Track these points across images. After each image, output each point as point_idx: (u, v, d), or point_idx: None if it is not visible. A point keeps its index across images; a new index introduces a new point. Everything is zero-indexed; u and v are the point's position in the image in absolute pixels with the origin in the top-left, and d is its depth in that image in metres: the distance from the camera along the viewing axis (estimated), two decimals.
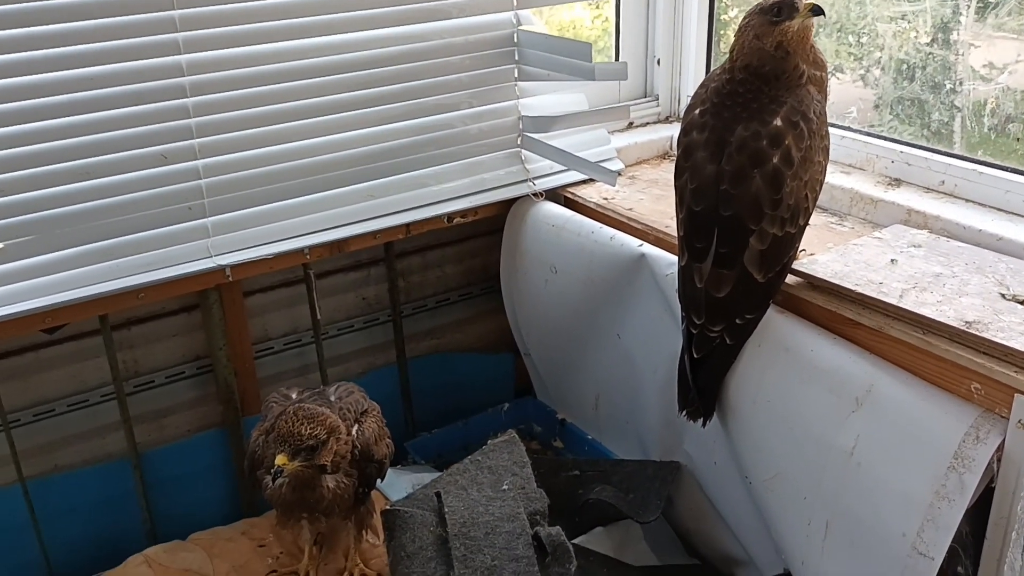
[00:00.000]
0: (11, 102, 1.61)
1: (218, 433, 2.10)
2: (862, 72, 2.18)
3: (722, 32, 2.35)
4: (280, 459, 1.46)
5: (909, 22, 2.03)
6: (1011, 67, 1.87)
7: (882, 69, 2.09)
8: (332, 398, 1.69)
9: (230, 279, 1.86)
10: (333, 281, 2.21)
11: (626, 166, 2.24)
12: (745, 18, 1.56)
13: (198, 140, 1.77)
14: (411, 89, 1.98)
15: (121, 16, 1.66)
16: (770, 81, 1.51)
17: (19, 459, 1.89)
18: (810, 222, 1.61)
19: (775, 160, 1.49)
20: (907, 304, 1.49)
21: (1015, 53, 1.87)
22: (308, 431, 1.48)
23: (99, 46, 1.66)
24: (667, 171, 2.24)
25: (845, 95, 2.18)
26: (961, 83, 1.93)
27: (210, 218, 1.82)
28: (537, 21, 2.10)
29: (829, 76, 1.60)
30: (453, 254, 2.38)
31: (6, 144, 1.63)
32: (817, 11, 1.49)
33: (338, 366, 2.26)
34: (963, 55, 1.93)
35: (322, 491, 1.56)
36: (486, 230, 2.34)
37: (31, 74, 1.62)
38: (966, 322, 1.42)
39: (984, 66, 1.91)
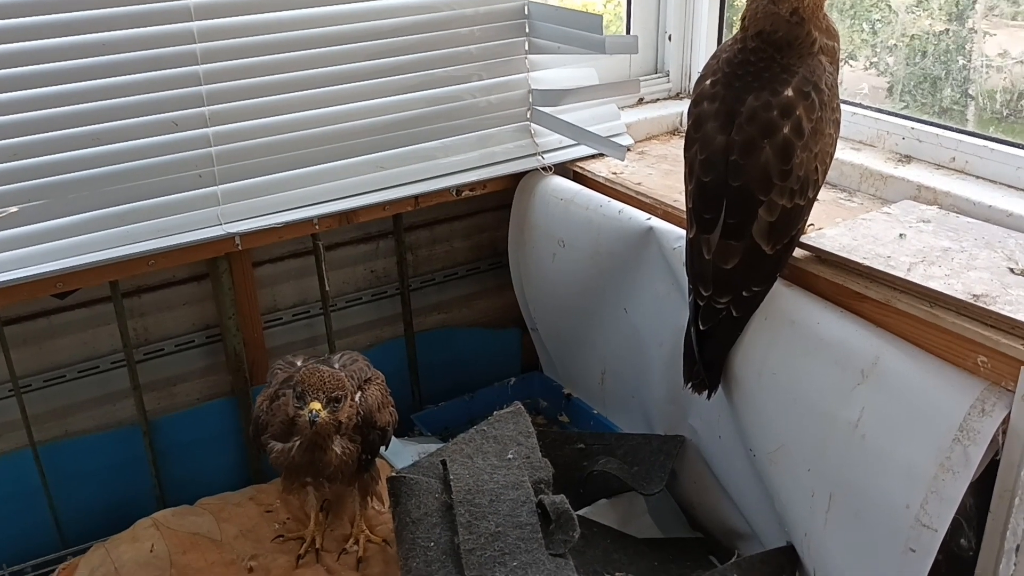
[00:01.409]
0: (24, 66, 1.62)
1: (227, 402, 2.12)
2: (875, 59, 2.17)
3: (733, 9, 2.33)
4: (315, 405, 1.49)
5: (924, 8, 2.02)
6: None
7: (895, 46, 2.08)
8: (336, 366, 1.70)
9: (239, 247, 1.87)
10: (342, 253, 2.22)
11: (636, 142, 2.24)
12: None
13: (208, 108, 1.78)
14: (421, 60, 1.98)
15: None
16: (783, 49, 1.50)
17: (30, 424, 1.91)
18: (819, 198, 1.61)
19: (785, 131, 1.49)
20: (915, 277, 1.48)
21: None
22: (335, 382, 1.51)
23: (111, 11, 1.67)
24: (676, 147, 2.24)
25: (858, 82, 2.17)
26: (971, 63, 1.92)
27: (220, 186, 1.82)
28: None
29: (842, 58, 1.59)
30: (461, 229, 2.39)
31: (19, 108, 1.64)
32: None
33: (346, 338, 2.27)
34: (977, 40, 1.92)
35: (331, 454, 1.57)
36: (494, 205, 2.35)
37: (44, 38, 1.62)
38: (973, 295, 1.42)
39: (999, 55, 1.90)
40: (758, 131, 1.50)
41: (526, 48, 2.09)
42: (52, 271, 1.69)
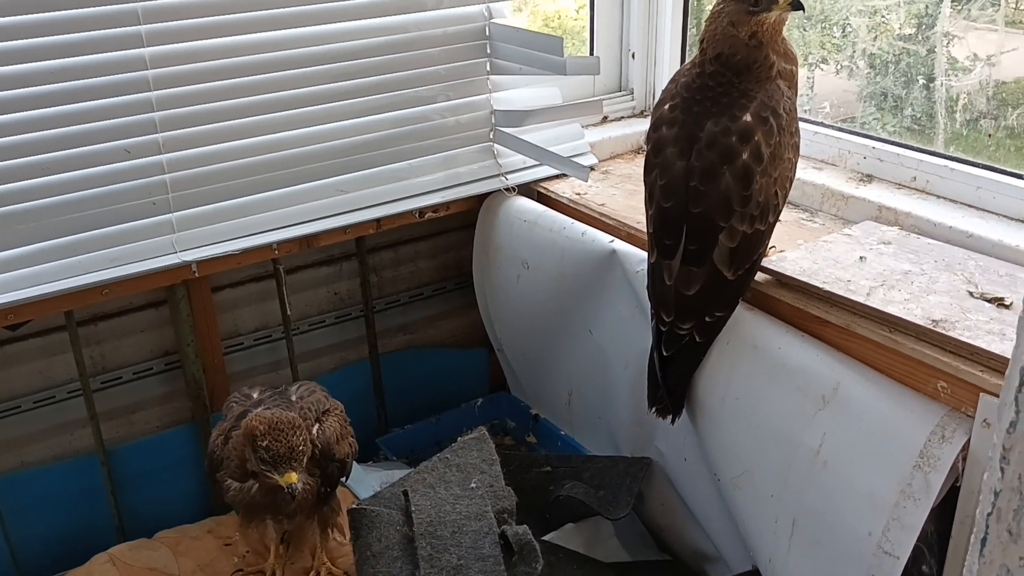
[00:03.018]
0: None
1: (187, 429, 2.08)
2: (846, 64, 2.17)
3: (697, 26, 2.33)
4: (291, 477, 1.45)
5: (883, 17, 2.02)
6: (994, 58, 1.87)
7: (864, 61, 2.08)
8: (293, 398, 1.68)
9: (196, 275, 1.83)
10: (304, 276, 2.19)
11: (600, 160, 2.23)
12: (718, 4, 1.54)
13: (162, 134, 1.74)
14: (382, 83, 1.96)
15: (83, 8, 1.63)
16: (741, 73, 1.50)
17: None
18: (781, 218, 1.60)
19: (744, 156, 1.48)
20: (874, 302, 1.48)
21: (996, 46, 1.86)
22: (301, 441, 1.47)
23: (60, 38, 1.63)
24: (641, 166, 2.20)
25: (830, 87, 2.17)
26: (934, 79, 1.93)
27: (175, 213, 1.79)
28: (510, 14, 2.07)
29: (807, 68, 1.59)
30: (426, 249, 2.36)
31: None
32: (797, 6, 1.48)
33: (309, 361, 2.24)
34: (942, 48, 1.92)
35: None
36: (459, 225, 2.33)
37: None
38: (933, 320, 1.42)
39: (967, 57, 1.90)
40: (717, 157, 1.50)
41: (488, 69, 2.08)
42: (4, 303, 1.65)
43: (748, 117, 1.50)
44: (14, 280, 1.67)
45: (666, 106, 1.59)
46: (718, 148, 1.50)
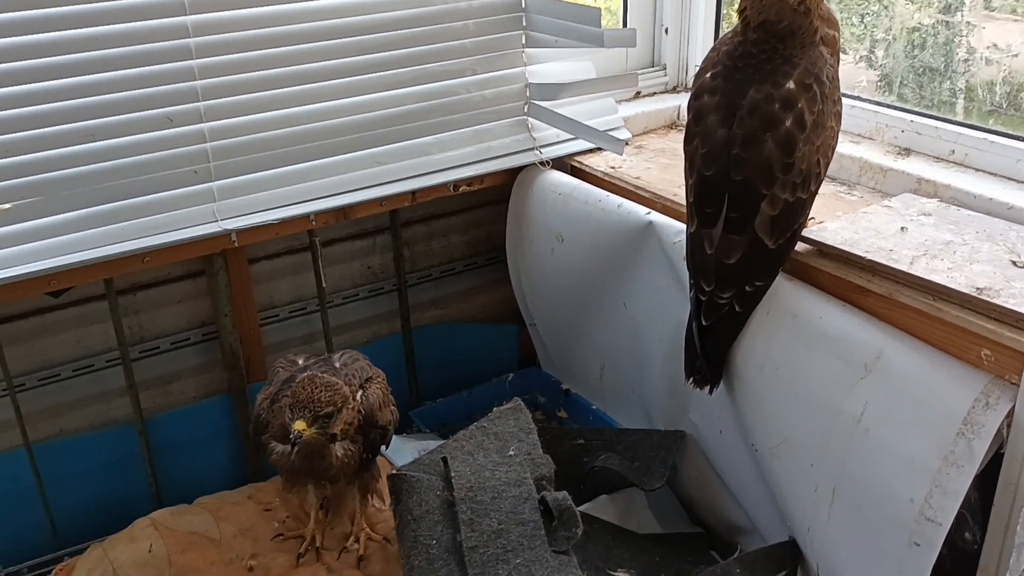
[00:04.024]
0: (16, 61, 1.60)
1: (223, 399, 2.10)
2: (865, 53, 2.16)
3: (730, 3, 2.32)
4: (299, 425, 1.46)
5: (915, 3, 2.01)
6: (1016, 48, 1.86)
7: (892, 39, 2.07)
8: (337, 365, 1.69)
9: (235, 244, 1.85)
10: (338, 249, 2.20)
11: (633, 136, 2.23)
12: None
13: (204, 103, 1.76)
14: (418, 55, 1.97)
15: None
16: (785, 39, 1.49)
17: (25, 423, 1.89)
18: (819, 191, 1.60)
19: (788, 124, 1.48)
20: (918, 271, 1.48)
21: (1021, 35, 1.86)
22: (326, 398, 1.48)
23: (105, 5, 1.64)
24: (674, 141, 2.23)
25: (848, 77, 2.16)
26: (972, 54, 1.92)
27: (216, 182, 1.80)
28: None
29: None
30: (458, 224, 2.37)
31: (12, 104, 1.61)
32: None
33: (343, 335, 2.26)
34: (969, 34, 1.92)
35: (330, 459, 1.56)
36: (491, 200, 2.33)
37: (37, 33, 1.60)
38: (977, 288, 1.41)
39: (988, 47, 1.90)
40: (760, 124, 1.49)
41: (523, 42, 2.07)
42: (46, 269, 1.67)
43: (791, 84, 1.49)
44: (57, 246, 1.69)
45: (707, 74, 1.59)
46: (761, 115, 1.49)
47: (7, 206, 1.63)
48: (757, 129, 1.49)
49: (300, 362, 1.67)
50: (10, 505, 1.92)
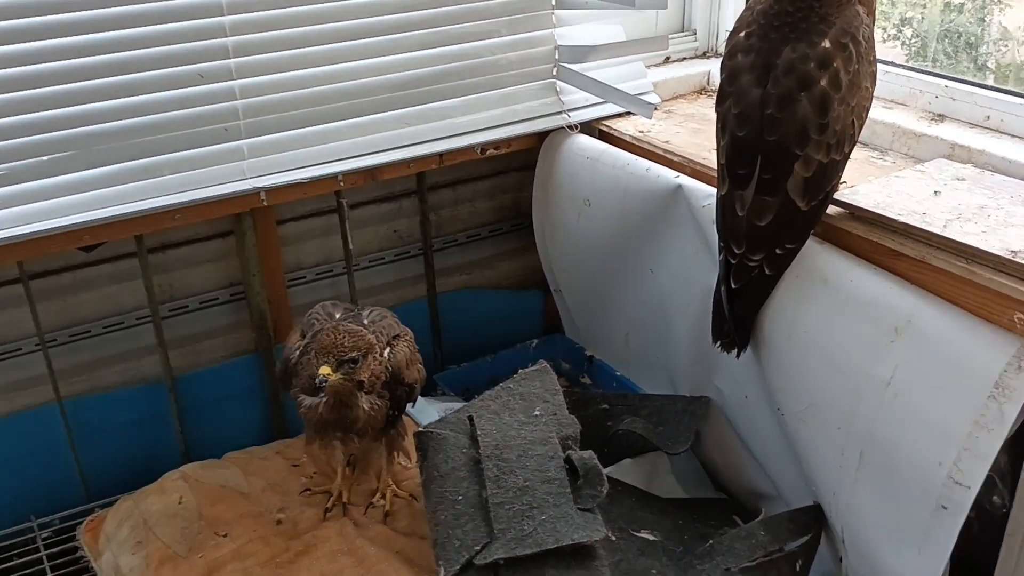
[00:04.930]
0: (51, 14, 1.61)
1: (251, 359, 2.12)
2: (893, 31, 2.14)
3: None
4: (324, 369, 1.47)
5: None
6: None
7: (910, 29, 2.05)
8: (365, 321, 1.70)
9: (264, 203, 1.85)
10: (365, 212, 2.21)
11: (662, 100, 2.21)
12: None
13: (235, 60, 1.76)
14: (448, 14, 1.95)
15: None
16: None
17: (56, 379, 1.92)
18: (851, 155, 1.58)
19: (823, 83, 1.46)
20: (951, 233, 1.46)
21: None
22: (350, 343, 1.49)
23: None
24: (704, 106, 2.21)
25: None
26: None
27: (246, 140, 1.81)
28: None
29: None
30: (484, 189, 2.37)
31: (45, 58, 1.62)
32: None
33: (369, 298, 2.27)
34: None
35: (358, 411, 1.57)
36: (517, 165, 2.33)
37: None
38: (1011, 251, 1.40)
39: (1018, 28, 1.87)
40: (795, 84, 1.48)
41: (553, 3, 2.06)
42: (80, 223, 1.68)
43: (827, 43, 1.47)
44: (90, 200, 1.70)
45: (741, 34, 1.57)
46: (795, 75, 1.48)
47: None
48: (792, 89, 1.48)
49: (337, 315, 1.68)
50: (42, 458, 1.96)
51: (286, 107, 1.83)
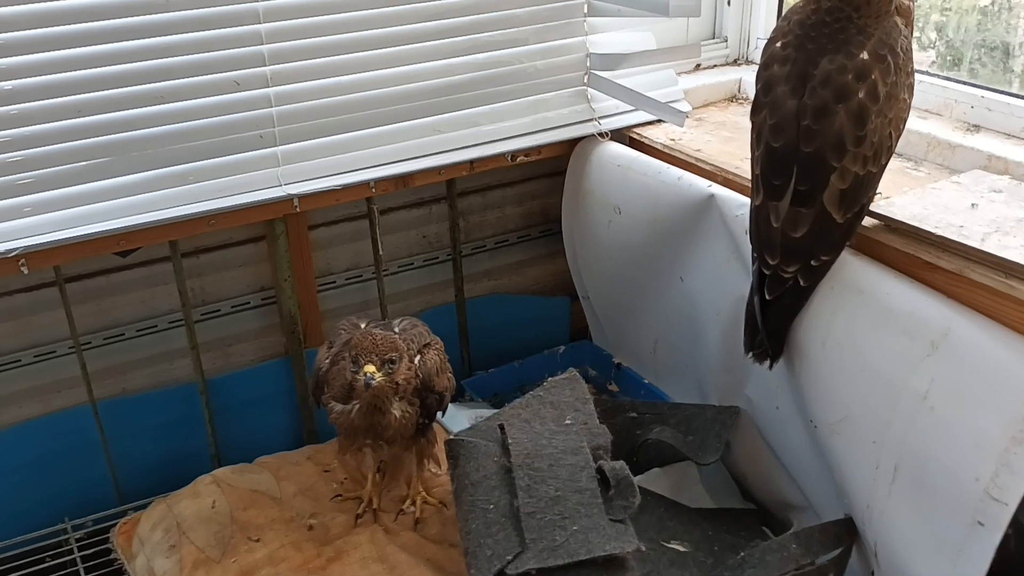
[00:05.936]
0: (88, 22, 1.62)
1: (282, 363, 2.14)
2: (917, 35, 2.12)
3: None
4: (369, 368, 1.48)
5: None
6: None
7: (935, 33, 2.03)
8: (396, 330, 1.71)
9: (297, 209, 1.87)
10: (395, 218, 2.22)
11: (693, 108, 2.21)
12: None
13: (270, 67, 1.77)
14: (480, 22, 1.96)
15: None
16: (860, 8, 1.46)
17: (90, 380, 1.94)
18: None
19: (860, 95, 1.45)
20: (989, 247, 1.45)
21: None
22: (388, 343, 1.51)
23: None
24: (735, 114, 2.20)
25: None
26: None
27: (280, 147, 1.82)
28: None
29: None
30: (513, 195, 2.37)
31: (83, 65, 1.64)
32: None
33: (398, 303, 2.28)
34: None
35: (389, 417, 1.58)
36: (546, 172, 2.33)
37: None
38: None
39: None
40: (832, 95, 1.47)
41: (585, 11, 2.06)
42: (116, 229, 1.70)
43: (865, 55, 1.46)
44: (126, 206, 1.72)
45: (778, 44, 1.56)
46: (833, 86, 1.47)
47: None
48: (829, 100, 1.47)
49: (363, 325, 1.69)
50: (75, 460, 1.98)
51: (320, 114, 1.85)
